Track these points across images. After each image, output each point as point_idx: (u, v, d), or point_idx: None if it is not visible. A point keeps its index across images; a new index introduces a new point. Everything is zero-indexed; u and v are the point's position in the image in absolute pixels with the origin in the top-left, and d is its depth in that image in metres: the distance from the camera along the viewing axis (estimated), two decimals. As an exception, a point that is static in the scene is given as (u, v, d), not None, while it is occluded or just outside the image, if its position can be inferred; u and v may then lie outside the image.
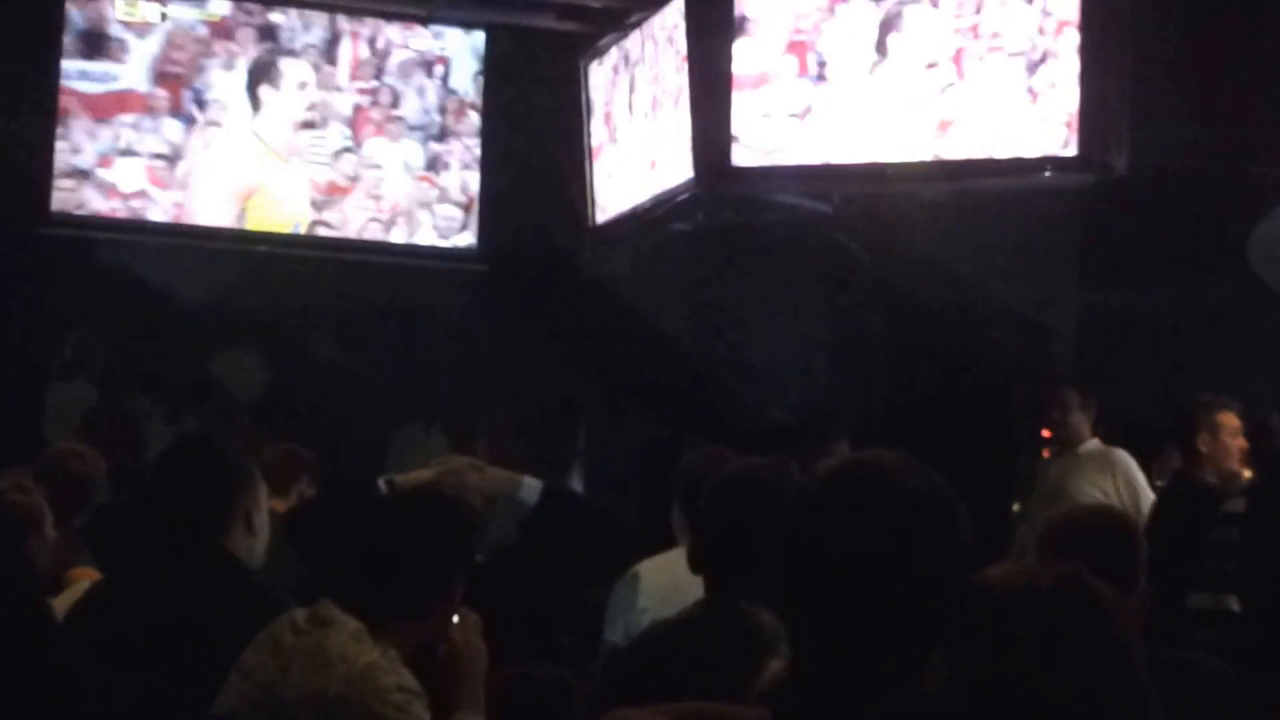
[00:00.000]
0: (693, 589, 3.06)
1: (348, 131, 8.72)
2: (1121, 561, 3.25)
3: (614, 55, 8.13)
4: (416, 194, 8.83)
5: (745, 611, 2.76)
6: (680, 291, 9.22)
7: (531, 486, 4.19)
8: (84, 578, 4.26)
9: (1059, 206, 7.85)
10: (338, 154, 8.72)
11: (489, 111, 8.79)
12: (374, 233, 8.82)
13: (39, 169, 8.43)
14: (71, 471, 4.99)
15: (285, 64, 8.63)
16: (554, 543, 4.29)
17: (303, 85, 8.66)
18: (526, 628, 4.00)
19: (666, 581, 3.73)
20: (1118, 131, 6.47)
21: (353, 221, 8.77)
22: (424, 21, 8.74)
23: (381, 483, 4.28)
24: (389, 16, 8.72)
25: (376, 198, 8.80)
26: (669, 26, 7.47)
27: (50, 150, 8.43)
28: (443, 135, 8.83)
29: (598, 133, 8.36)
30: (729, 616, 2.82)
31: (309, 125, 8.72)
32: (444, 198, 8.85)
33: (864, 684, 1.90)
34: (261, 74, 8.65)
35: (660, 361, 9.16)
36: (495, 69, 8.79)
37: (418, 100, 8.79)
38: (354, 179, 8.74)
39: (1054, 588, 1.83)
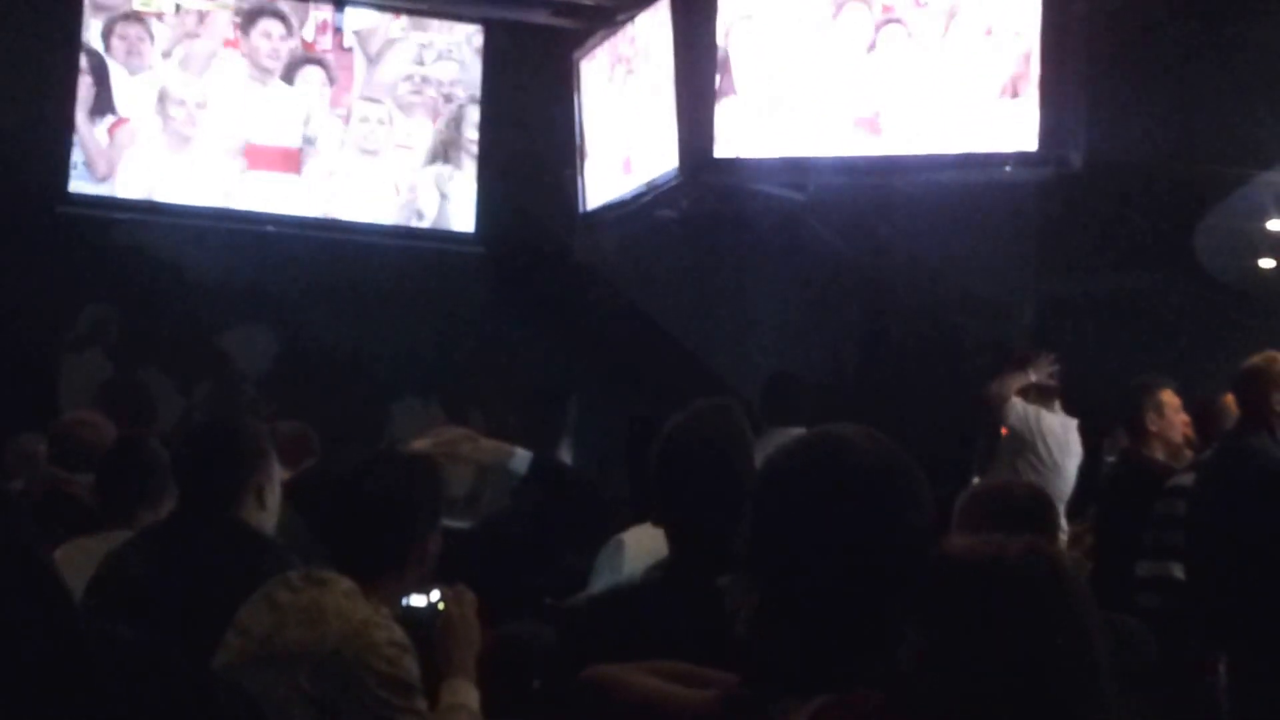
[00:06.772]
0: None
1: (356, 118, 8.79)
2: (1041, 532, 3.54)
3: (604, 50, 8.23)
4: (417, 179, 8.90)
5: (706, 575, 2.72)
6: (665, 274, 9.29)
7: (522, 457, 4.17)
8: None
9: (1020, 199, 7.96)
10: (343, 142, 8.77)
11: (486, 102, 8.85)
12: (378, 215, 8.88)
13: (57, 150, 8.42)
14: (81, 439, 5.05)
15: (295, 53, 8.70)
16: (543, 510, 4.36)
17: (308, 76, 8.73)
18: (516, 589, 4.15)
19: (649, 549, 3.70)
20: (1075, 130, 6.61)
21: (357, 203, 8.83)
22: (424, 15, 8.79)
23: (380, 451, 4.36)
24: (390, 10, 8.77)
25: (380, 181, 8.87)
26: (656, 24, 7.59)
27: (69, 132, 8.40)
28: (443, 125, 8.90)
29: (588, 123, 8.44)
30: (689, 579, 2.83)
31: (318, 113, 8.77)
32: (443, 183, 8.93)
33: (828, 653, 1.92)
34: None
35: (646, 340, 9.28)
36: (492, 62, 8.85)
37: (419, 90, 8.85)
38: (361, 161, 8.80)
39: (1020, 558, 1.83)
